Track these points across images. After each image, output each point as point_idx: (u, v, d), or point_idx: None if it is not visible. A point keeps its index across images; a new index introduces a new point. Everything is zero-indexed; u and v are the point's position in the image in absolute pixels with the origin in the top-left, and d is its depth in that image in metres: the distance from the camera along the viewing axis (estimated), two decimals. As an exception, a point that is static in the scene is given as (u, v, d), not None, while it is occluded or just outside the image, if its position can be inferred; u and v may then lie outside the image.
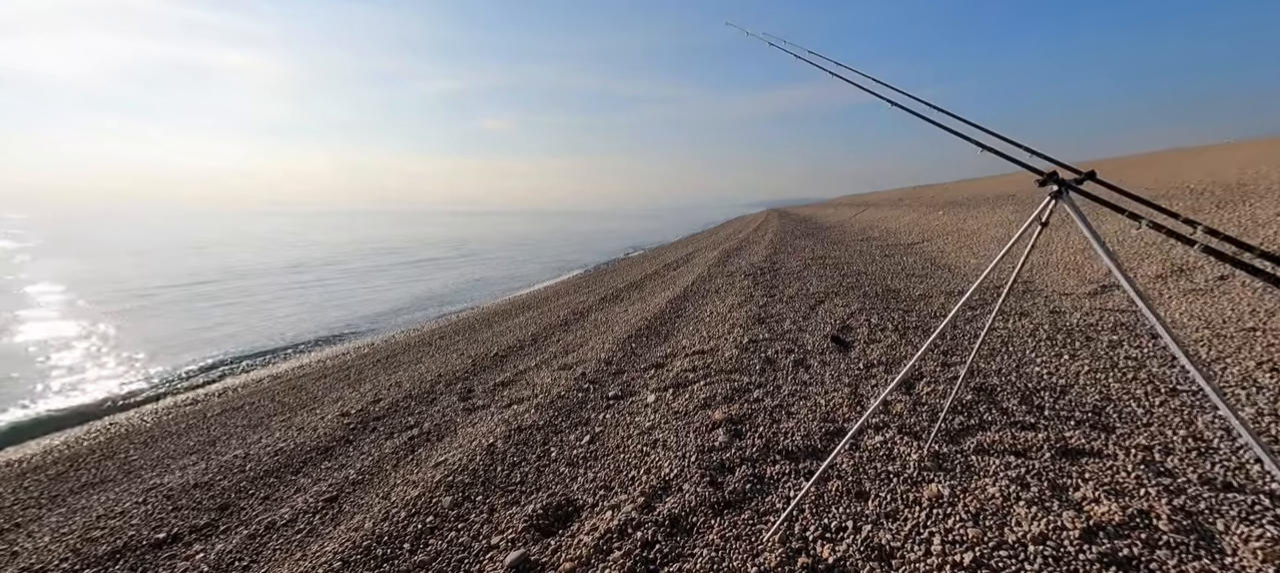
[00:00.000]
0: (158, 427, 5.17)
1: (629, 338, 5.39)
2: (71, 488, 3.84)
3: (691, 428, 2.75)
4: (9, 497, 3.68)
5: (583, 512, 2.12)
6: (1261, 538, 1.62)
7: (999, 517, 1.81)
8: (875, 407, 1.78)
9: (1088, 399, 2.91)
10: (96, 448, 4.78)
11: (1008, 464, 2.16)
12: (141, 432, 5.08)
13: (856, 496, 2.03)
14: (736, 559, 1.71)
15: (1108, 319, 4.69)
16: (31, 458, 4.53)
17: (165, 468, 3.97)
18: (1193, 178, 12.24)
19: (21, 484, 3.95)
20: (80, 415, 6.00)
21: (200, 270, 17.57)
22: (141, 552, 2.56)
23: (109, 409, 6.21)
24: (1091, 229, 1.40)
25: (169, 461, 4.11)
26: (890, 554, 1.69)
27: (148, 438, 4.87)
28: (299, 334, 9.56)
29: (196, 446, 4.41)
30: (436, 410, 4.25)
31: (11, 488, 3.84)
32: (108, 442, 4.96)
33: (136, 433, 5.04)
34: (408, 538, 2.09)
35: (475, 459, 2.75)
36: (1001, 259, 1.64)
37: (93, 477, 4.01)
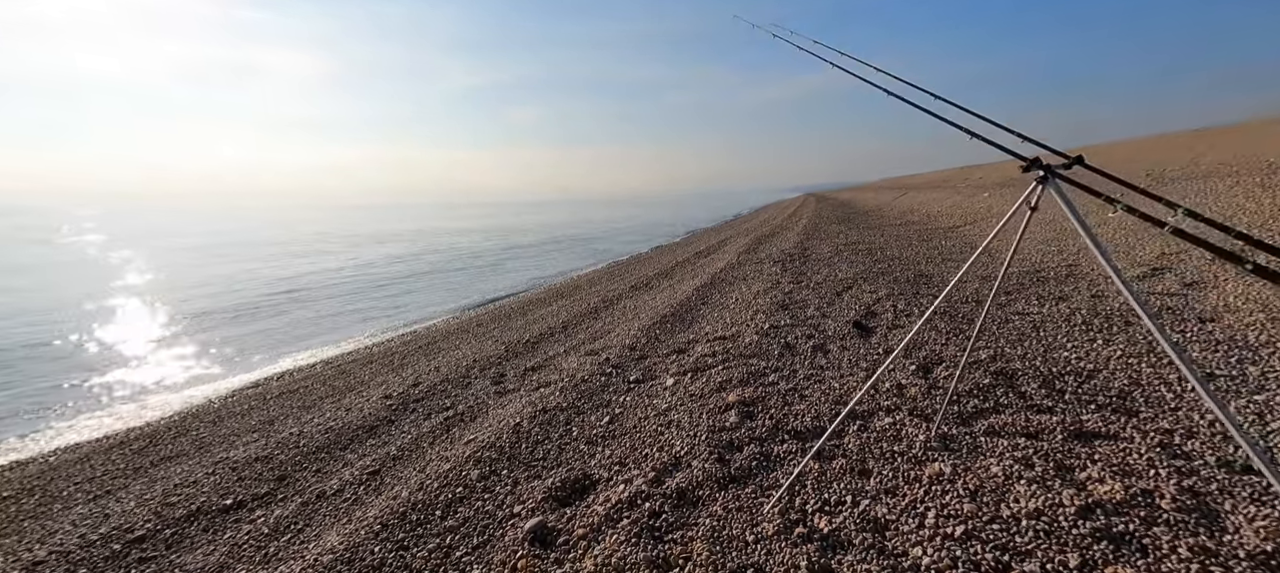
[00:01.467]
0: (224, 408, 5.64)
1: (654, 325, 5.51)
2: (152, 460, 4.27)
3: (706, 410, 2.85)
4: (99, 468, 4.13)
5: (598, 485, 2.26)
6: (1267, 518, 1.61)
7: (997, 494, 1.85)
8: (867, 386, 1.84)
9: (1115, 384, 2.85)
10: (171, 425, 5.27)
11: (1016, 446, 2.18)
12: (209, 412, 5.56)
13: (859, 473, 2.10)
14: (736, 528, 1.82)
15: (1153, 304, 4.49)
16: (118, 434, 5.05)
17: (231, 444, 4.36)
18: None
19: (109, 457, 4.42)
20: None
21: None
22: (212, 516, 2.88)
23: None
24: (1076, 214, 1.43)
25: (234, 437, 4.51)
26: (884, 527, 1.76)
27: (215, 417, 5.33)
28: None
29: (258, 424, 4.81)
30: (470, 394, 4.50)
31: (102, 460, 4.31)
32: (181, 421, 5.45)
33: (206, 413, 5.52)
34: (439, 506, 2.29)
35: (502, 437, 2.94)
36: (994, 244, 1.67)
37: (170, 451, 4.44)
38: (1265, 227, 5.87)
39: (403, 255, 21.34)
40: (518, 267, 17.35)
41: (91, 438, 5.04)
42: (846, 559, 1.63)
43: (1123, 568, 1.46)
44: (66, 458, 4.51)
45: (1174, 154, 15.63)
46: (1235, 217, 6.47)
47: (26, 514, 3.33)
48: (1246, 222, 6.17)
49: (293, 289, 13.55)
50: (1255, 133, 15.34)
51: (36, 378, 7.20)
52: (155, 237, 34.29)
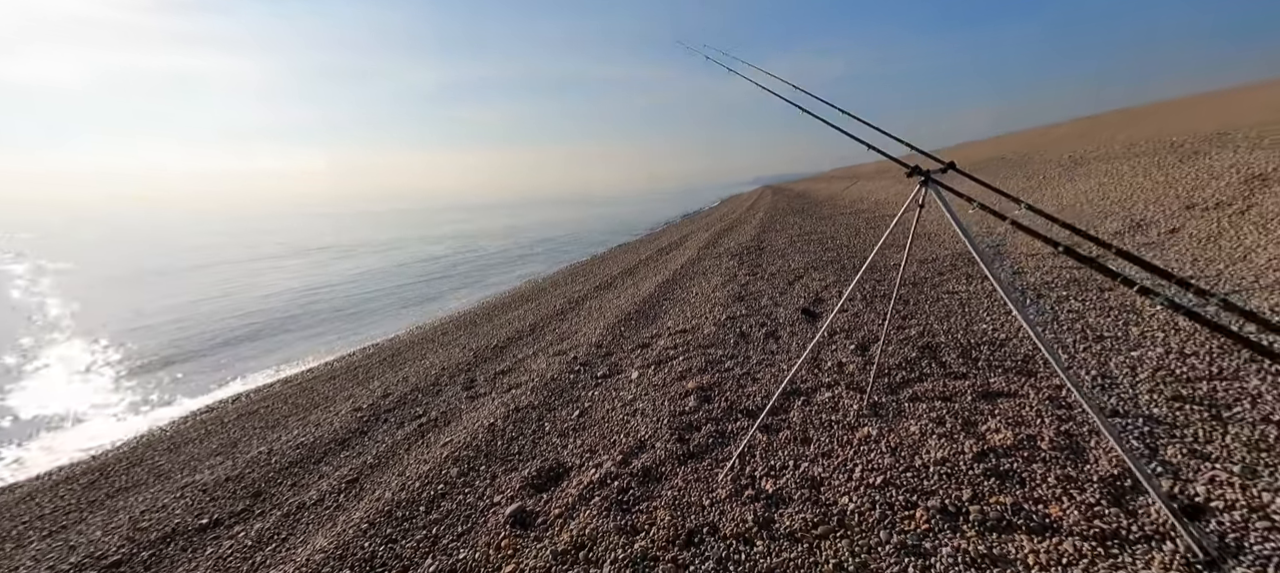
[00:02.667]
0: (179, 435, 5.50)
1: (619, 322, 5.74)
2: (107, 492, 4.18)
3: (667, 397, 3.10)
4: (47, 506, 4.02)
5: (571, 472, 2.47)
6: (1115, 452, 1.97)
7: (913, 449, 2.16)
8: (797, 367, 2.11)
9: (1021, 350, 3.26)
10: (122, 458, 5.11)
11: (933, 408, 2.51)
12: (163, 441, 5.41)
13: (801, 441, 2.38)
14: (695, 495, 2.07)
15: (1063, 276, 5.03)
16: (61, 470, 4.86)
17: (194, 469, 4.32)
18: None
19: (57, 494, 4.28)
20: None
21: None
22: (189, 535, 2.93)
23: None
24: (951, 211, 1.74)
25: (196, 462, 4.46)
26: (820, 483, 2.04)
27: (170, 445, 5.21)
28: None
29: (220, 447, 4.76)
30: (442, 400, 4.60)
31: (49, 497, 4.18)
32: (132, 451, 5.28)
33: (159, 441, 5.38)
34: (423, 502, 2.45)
35: (478, 437, 3.10)
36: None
37: (125, 482, 4.34)
38: (1154, 204, 6.57)
39: (371, 270, 20.80)
40: (485, 270, 17.20)
41: (26, 478, 4.83)
42: (787, 511, 1.90)
43: (1003, 496, 1.78)
44: (3, 500, 4.33)
45: (1100, 133, 16.90)
46: (1131, 197, 7.19)
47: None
48: (1143, 200, 6.88)
49: (255, 312, 13.06)
50: (1183, 109, 16.66)
51: None
52: (93, 262, 31.96)
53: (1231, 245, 4.58)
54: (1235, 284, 3.85)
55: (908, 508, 1.83)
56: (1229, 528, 1.57)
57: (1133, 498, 1.74)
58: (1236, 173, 6.22)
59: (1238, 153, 7.24)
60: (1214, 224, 5.19)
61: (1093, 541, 1.56)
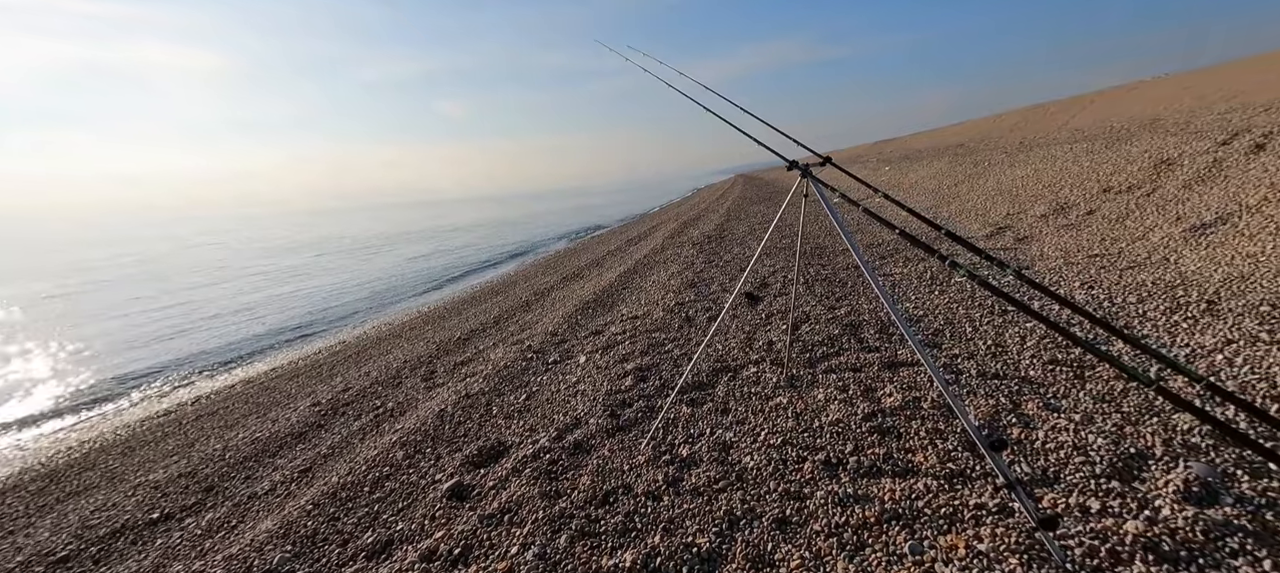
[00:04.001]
0: (134, 438, 5.46)
1: (578, 311, 5.90)
2: (57, 497, 4.15)
3: (607, 378, 3.29)
4: (28, 502, 3.98)
5: (511, 449, 2.64)
6: (987, 406, 2.24)
7: (815, 413, 2.40)
8: (704, 347, 2.31)
9: (934, 324, 3.55)
10: (73, 463, 5.05)
11: (842, 378, 2.76)
12: (118, 444, 5.38)
13: (721, 412, 2.60)
14: (616, 463, 2.26)
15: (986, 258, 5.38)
16: (6, 479, 4.76)
17: (148, 469, 4.33)
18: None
19: (2, 501, 4.23)
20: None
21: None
22: (139, 529, 3.00)
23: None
24: (827, 203, 1.96)
25: (151, 463, 4.47)
26: (729, 446, 2.26)
27: (125, 448, 5.18)
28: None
29: (176, 448, 4.76)
30: (401, 392, 4.70)
31: (25, 494, 4.14)
32: (84, 457, 5.22)
33: (114, 445, 5.34)
34: (368, 483, 2.59)
35: (428, 423, 3.24)
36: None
37: (77, 486, 4.32)
38: (1077, 188, 7.03)
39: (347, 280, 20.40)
40: (456, 266, 17.09)
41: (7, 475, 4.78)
42: (696, 471, 2.11)
43: (879, 448, 2.03)
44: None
45: (1055, 119, 17.63)
46: (1060, 181, 7.66)
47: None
48: (1069, 185, 7.34)
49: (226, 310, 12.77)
50: (1137, 93, 17.40)
51: None
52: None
53: (1135, 225, 4.99)
54: (1131, 260, 4.22)
55: (798, 462, 2.05)
56: (1054, 463, 1.84)
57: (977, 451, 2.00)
58: (1148, 158, 6.71)
59: (1153, 138, 7.78)
60: (1123, 206, 5.62)
61: (943, 480, 1.81)
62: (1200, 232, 4.19)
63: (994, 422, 2.16)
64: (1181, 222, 4.56)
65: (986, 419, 2.18)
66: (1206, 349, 2.52)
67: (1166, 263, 3.91)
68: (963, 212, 8.51)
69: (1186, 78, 16.45)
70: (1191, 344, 2.62)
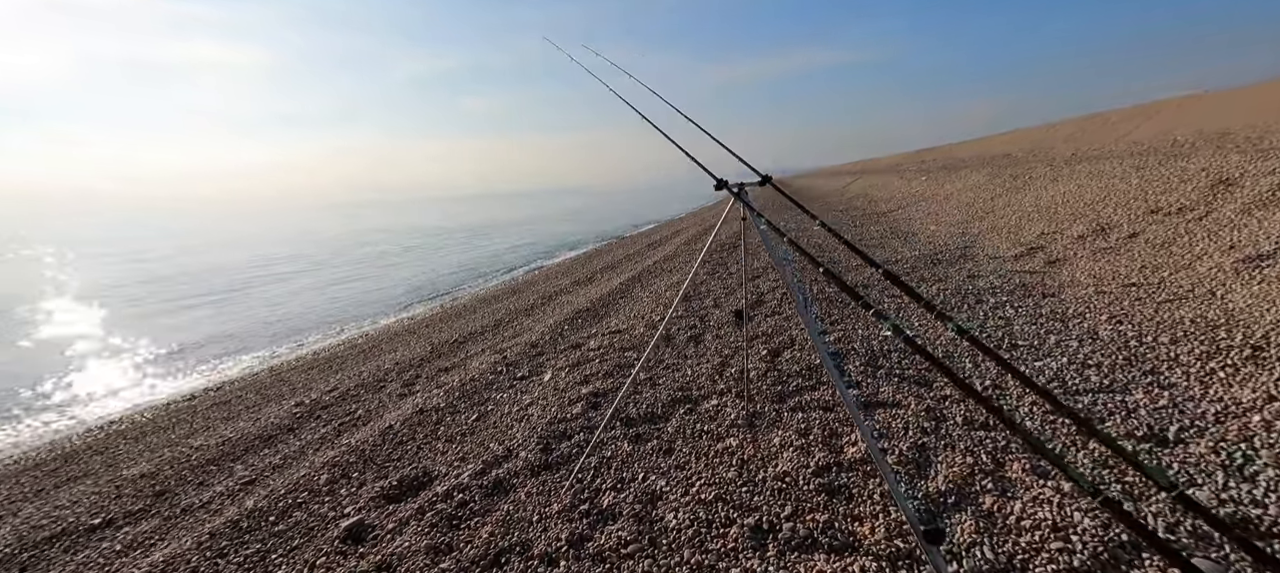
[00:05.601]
0: (150, 423, 5.45)
1: (568, 320, 5.70)
2: (57, 482, 4.18)
3: (561, 402, 3.05)
4: (9, 492, 4.00)
5: (434, 481, 2.43)
6: (958, 466, 1.89)
7: (763, 462, 2.10)
8: (637, 371, 2.04)
9: (931, 358, 3.16)
10: (92, 445, 5.08)
11: (808, 419, 2.44)
12: (137, 428, 5.37)
13: (664, 452, 2.32)
14: (528, 511, 2.02)
15: (1011, 281, 4.91)
16: (39, 451, 4.83)
17: (134, 462, 4.31)
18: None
19: (19, 480, 4.27)
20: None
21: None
22: (76, 536, 2.92)
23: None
24: (757, 223, 1.67)
25: (137, 456, 4.46)
26: (656, 498, 1.98)
27: (140, 432, 5.16)
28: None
29: (177, 439, 4.71)
30: (378, 398, 4.58)
31: (11, 484, 4.16)
32: (105, 439, 5.22)
33: (131, 430, 5.33)
34: (276, 512, 2.41)
35: (370, 441, 3.07)
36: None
37: (81, 470, 4.33)
38: (1122, 208, 6.40)
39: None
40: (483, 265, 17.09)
41: (11, 459, 4.82)
42: (609, 529, 1.84)
43: (821, 512, 1.72)
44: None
45: (1114, 129, 16.51)
46: (1104, 200, 7.02)
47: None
48: (1114, 204, 6.70)
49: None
50: (1210, 103, 16.14)
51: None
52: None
53: (1181, 252, 4.44)
54: (1172, 292, 3.72)
55: (725, 526, 1.76)
56: (1024, 549, 1.49)
57: (951, 515, 1.67)
58: (1205, 176, 6.04)
59: (1215, 155, 7.03)
60: (1171, 230, 5.04)
61: (884, 562, 1.50)
62: (1254, 264, 3.65)
63: (964, 487, 1.81)
64: (1234, 251, 4.00)
65: (957, 483, 1.83)
66: (1242, 407, 2.10)
67: (1212, 297, 3.40)
68: (994, 228, 7.93)
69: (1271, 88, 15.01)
70: (1225, 398, 2.19)
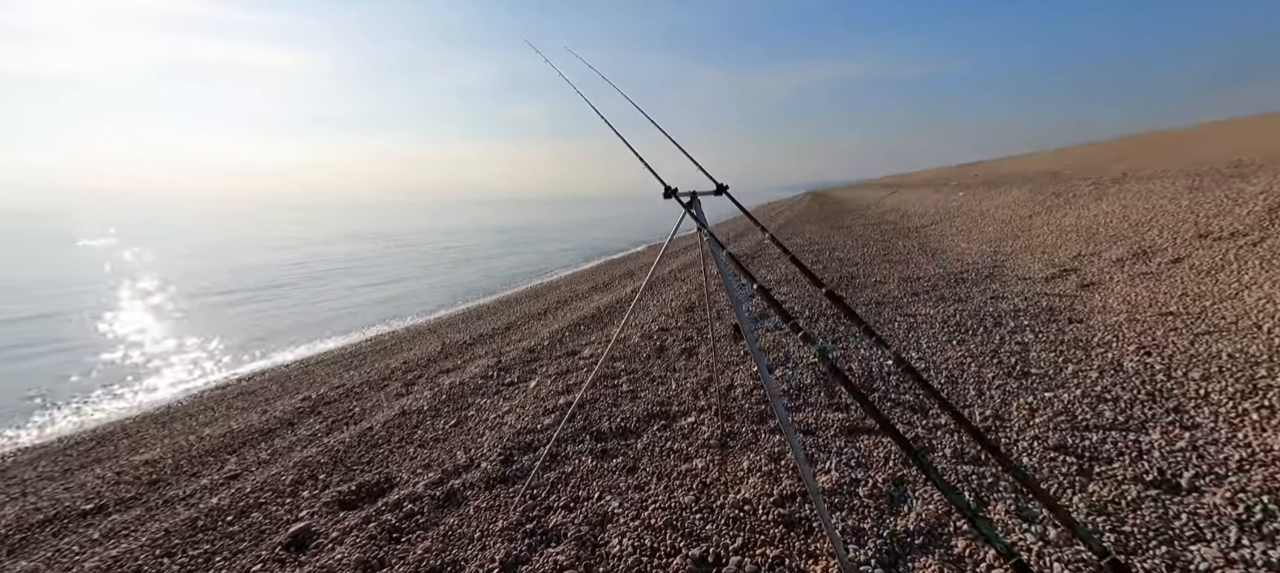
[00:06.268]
0: (182, 409, 5.55)
1: (572, 326, 5.64)
2: (82, 463, 4.33)
3: (536, 411, 2.97)
4: (42, 468, 4.16)
5: (394, 488, 2.38)
6: (938, 504, 1.72)
7: (726, 487, 1.96)
8: (589, 382, 1.94)
9: (933, 383, 2.95)
10: (126, 428, 5.22)
11: (784, 443, 2.29)
12: (168, 413, 5.48)
13: (627, 470, 2.21)
14: (471, 527, 1.94)
15: (1037, 304, 4.62)
16: (81, 433, 5.01)
17: (149, 446, 4.43)
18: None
19: (55, 459, 4.42)
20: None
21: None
22: (67, 521, 2.99)
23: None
24: (705, 228, 1.56)
25: (151, 442, 4.57)
26: (607, 520, 1.87)
27: (169, 418, 5.28)
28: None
29: (192, 427, 4.83)
30: (376, 397, 4.60)
31: (51, 461, 4.32)
32: (137, 423, 5.35)
33: (162, 416, 5.45)
34: (234, 512, 2.40)
35: (346, 442, 3.06)
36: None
37: (104, 453, 4.48)
38: (1168, 230, 5.97)
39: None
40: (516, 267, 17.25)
41: (57, 437, 5.01)
42: (548, 551, 1.74)
43: (774, 546, 1.58)
44: (19, 460, 4.48)
45: (1172, 149, 15.59)
46: (1149, 221, 6.56)
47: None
48: (1159, 226, 6.25)
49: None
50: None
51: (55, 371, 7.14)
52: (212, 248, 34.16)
53: (1228, 280, 4.06)
54: (1212, 323, 3.38)
55: (668, 556, 1.64)
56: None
57: (915, 557, 1.50)
58: (1263, 200, 5.55)
59: (1277, 177, 6.47)
60: (1220, 255, 4.63)
61: (827, 614, 1.35)
62: (1310, 293, 3.30)
63: (937, 527, 1.64)
64: (1288, 279, 3.63)
65: (930, 522, 1.66)
66: (1272, 454, 1.84)
67: (1256, 331, 3.07)
68: (1028, 248, 7.52)
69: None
70: (1254, 444, 1.94)
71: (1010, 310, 4.44)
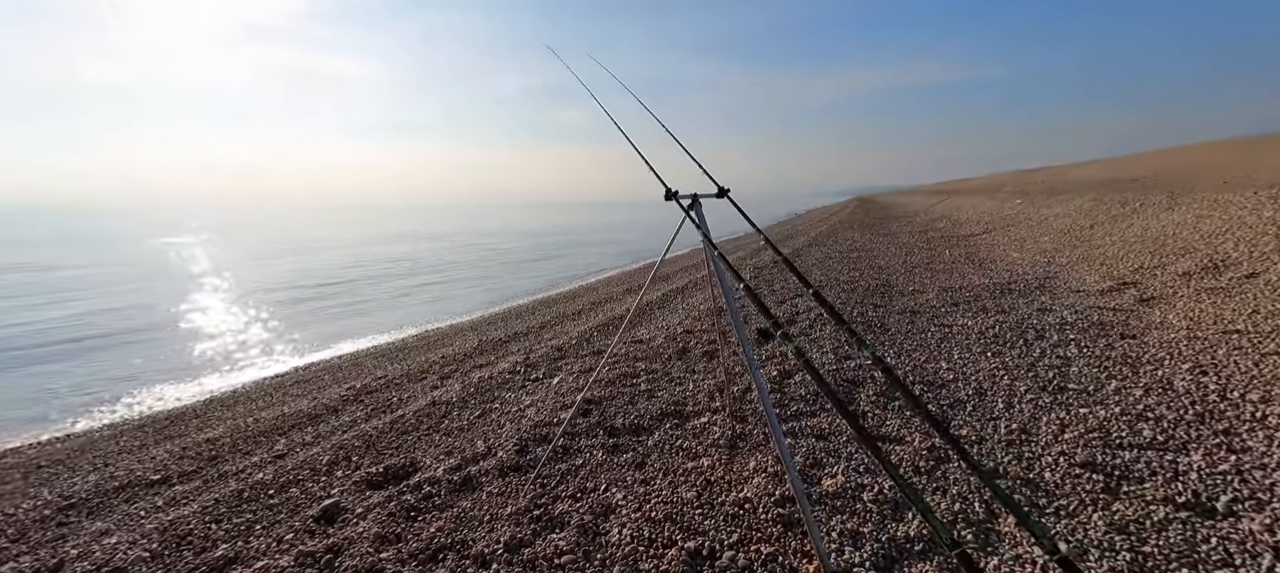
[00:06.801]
0: (244, 395, 5.98)
1: (601, 326, 5.74)
2: (157, 439, 4.74)
3: (556, 406, 3.06)
4: (123, 443, 4.59)
5: (417, 471, 2.51)
6: (947, 514, 1.68)
7: (729, 485, 1.98)
8: (592, 383, 1.99)
9: (960, 395, 2.86)
10: (196, 409, 5.63)
11: (795, 445, 2.28)
12: (235, 397, 5.91)
13: (635, 466, 2.26)
14: (483, 510, 2.03)
15: (1088, 318, 4.38)
16: (158, 413, 5.50)
17: (213, 426, 4.80)
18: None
19: (135, 435, 4.85)
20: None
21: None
22: (138, 489, 3.31)
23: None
24: (705, 232, 1.60)
25: (223, 420, 4.92)
26: (609, 511, 1.93)
27: (232, 402, 5.69)
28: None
29: (252, 410, 5.20)
30: (412, 389, 4.83)
31: (131, 436, 4.77)
32: (206, 406, 5.78)
33: (229, 399, 5.87)
34: (275, 486, 2.60)
35: (379, 429, 3.24)
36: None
37: (175, 431, 4.89)
38: (1246, 244, 5.52)
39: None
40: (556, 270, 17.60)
41: (138, 415, 5.52)
42: (551, 537, 1.81)
43: (770, 544, 1.59)
44: (105, 434, 4.96)
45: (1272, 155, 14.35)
46: (1225, 233, 6.07)
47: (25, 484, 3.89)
48: (1234, 239, 5.77)
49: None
50: None
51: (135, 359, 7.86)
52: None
53: (1307, 296, 3.71)
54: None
55: (664, 547, 1.68)
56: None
57: (913, 563, 1.48)
58: (1359, 208, 5.03)
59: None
60: (1302, 269, 4.23)
61: (811, 613, 1.35)
62: (1398, 312, 2.98)
63: (939, 538, 1.60)
64: (1376, 296, 3.30)
65: (930, 534, 1.63)
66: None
67: (1332, 351, 2.81)
68: (1086, 258, 7.10)
69: None
70: (1311, 477, 1.79)
71: (1056, 324, 4.22)
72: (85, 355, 8.23)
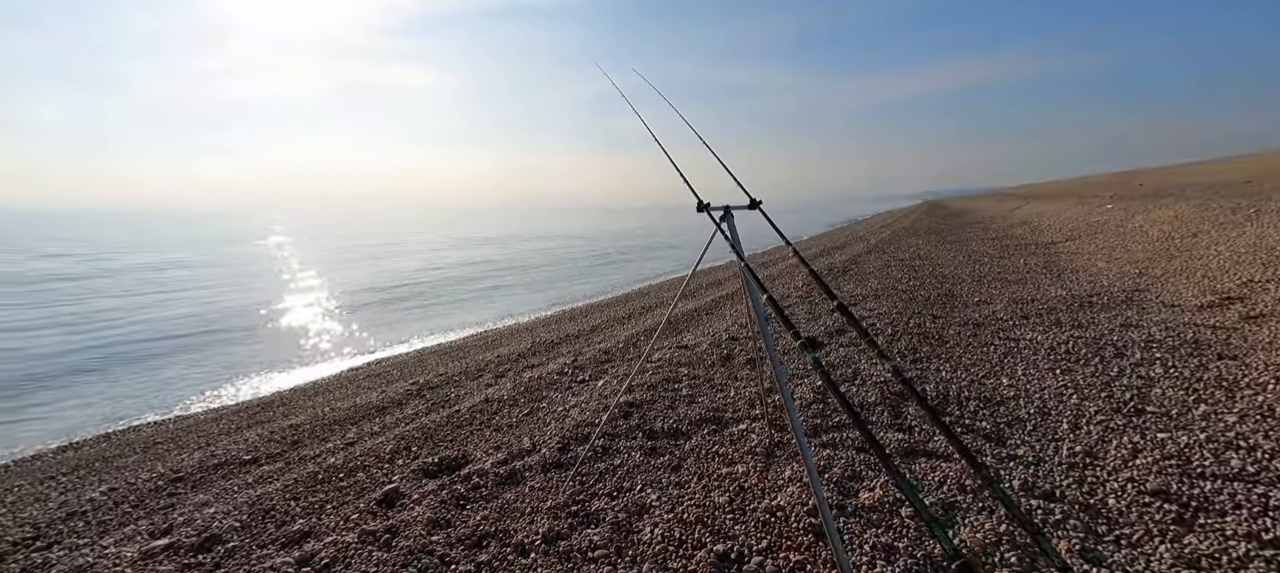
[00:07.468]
0: (324, 386, 6.53)
1: (647, 331, 5.82)
2: (249, 424, 5.28)
3: (598, 407, 3.16)
4: (222, 426, 5.17)
5: (468, 463, 2.68)
6: (992, 533, 1.62)
7: (764, 493, 1.99)
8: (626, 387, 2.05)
9: (1016, 413, 2.72)
10: (282, 398, 6.23)
11: (834, 456, 2.25)
12: (316, 388, 6.47)
13: (672, 468, 2.31)
14: (524, 502, 2.14)
15: (1180, 335, 4.01)
16: (253, 400, 6.15)
17: (297, 413, 5.28)
18: None
19: (231, 420, 5.44)
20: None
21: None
22: (232, 467, 3.70)
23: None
24: (736, 244, 1.64)
25: (305, 409, 5.39)
26: (643, 510, 1.98)
27: (314, 392, 6.23)
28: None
29: (331, 401, 5.66)
30: (469, 386, 5.10)
31: (230, 420, 5.35)
32: (290, 395, 6.37)
33: (311, 389, 6.44)
34: (345, 471, 2.85)
35: (437, 422, 3.47)
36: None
37: (264, 418, 5.42)
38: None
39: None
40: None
41: (236, 401, 6.19)
42: (587, 532, 1.89)
43: (800, 552, 1.60)
44: (207, 418, 5.62)
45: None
46: None
47: (149, 456, 4.45)
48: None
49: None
50: None
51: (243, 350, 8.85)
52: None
53: None
54: None
55: (694, 548, 1.72)
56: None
57: (943, 590, 1.44)
58: None
59: None
60: None
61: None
62: None
63: (982, 556, 1.55)
64: None
65: (976, 550, 1.57)
66: None
67: None
68: (1183, 270, 6.46)
69: None
70: None
71: (1141, 341, 3.88)
72: (201, 350, 9.19)
